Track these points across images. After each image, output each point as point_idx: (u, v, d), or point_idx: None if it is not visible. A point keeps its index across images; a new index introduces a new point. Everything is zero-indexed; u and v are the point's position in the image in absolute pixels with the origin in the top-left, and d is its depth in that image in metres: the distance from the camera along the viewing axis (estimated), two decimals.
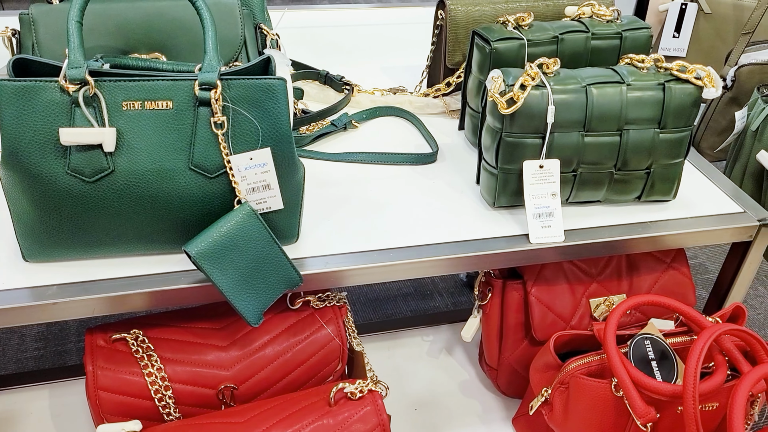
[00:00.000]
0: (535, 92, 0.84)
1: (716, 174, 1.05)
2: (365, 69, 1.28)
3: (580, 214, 0.93)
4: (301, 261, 0.82)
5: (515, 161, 0.88)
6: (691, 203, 0.97)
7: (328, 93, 1.16)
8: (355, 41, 1.41)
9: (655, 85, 0.87)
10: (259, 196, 0.77)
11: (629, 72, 0.88)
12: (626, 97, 0.86)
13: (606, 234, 0.90)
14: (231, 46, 0.93)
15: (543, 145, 0.86)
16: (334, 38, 1.42)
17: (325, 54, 1.34)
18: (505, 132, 0.87)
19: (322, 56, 1.33)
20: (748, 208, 0.97)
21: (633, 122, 0.87)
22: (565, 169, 0.89)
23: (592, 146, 0.88)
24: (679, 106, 0.87)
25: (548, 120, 0.85)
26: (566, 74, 0.87)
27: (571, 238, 0.89)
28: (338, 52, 1.35)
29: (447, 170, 1.01)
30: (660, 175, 0.92)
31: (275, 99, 0.74)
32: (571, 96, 0.85)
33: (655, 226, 0.92)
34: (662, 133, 0.89)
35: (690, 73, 0.87)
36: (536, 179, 0.88)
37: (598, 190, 0.92)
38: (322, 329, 0.88)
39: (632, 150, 0.89)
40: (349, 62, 1.31)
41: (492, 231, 0.89)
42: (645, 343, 0.88)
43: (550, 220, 0.88)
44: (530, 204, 0.88)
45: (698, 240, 0.93)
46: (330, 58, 1.32)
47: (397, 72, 1.27)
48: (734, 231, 0.94)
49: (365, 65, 1.29)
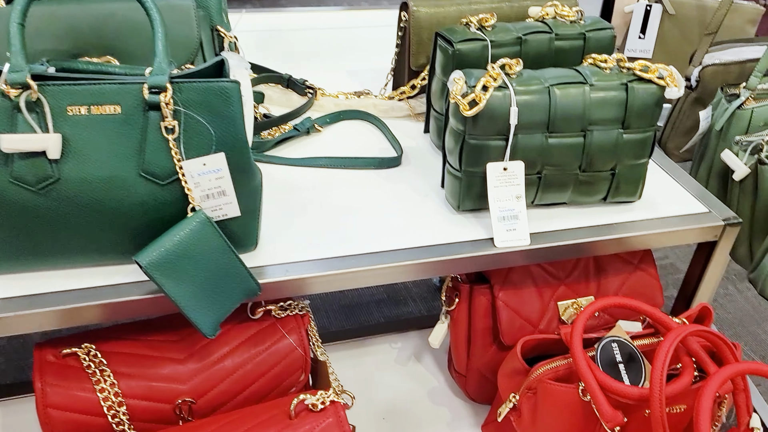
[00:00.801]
0: (498, 93, 0.83)
1: (681, 174, 1.04)
2: (330, 72, 1.26)
3: (545, 216, 0.92)
4: (260, 269, 0.79)
5: (479, 164, 0.86)
6: (656, 204, 0.96)
7: (291, 97, 1.14)
8: (320, 45, 1.39)
9: (618, 85, 0.86)
10: (214, 203, 0.75)
11: (592, 72, 0.87)
12: (589, 97, 0.85)
13: (572, 236, 0.89)
14: (186, 49, 0.90)
15: (507, 147, 0.85)
16: (299, 42, 1.40)
17: (289, 58, 1.32)
18: (468, 134, 0.85)
19: (286, 60, 1.31)
20: (713, 207, 0.96)
21: (596, 123, 0.86)
22: (530, 171, 0.88)
23: (557, 147, 0.87)
24: (642, 106, 0.87)
25: (511, 121, 0.83)
26: (529, 75, 0.86)
27: (537, 241, 0.87)
28: (303, 56, 1.33)
29: (412, 174, 0.99)
30: (625, 175, 0.91)
31: (229, 102, 0.72)
32: (534, 97, 0.84)
33: (621, 227, 0.92)
34: (626, 134, 0.88)
35: (652, 73, 0.86)
36: (500, 182, 0.86)
37: (564, 191, 0.91)
38: (283, 339, 0.85)
39: (596, 151, 0.88)
40: (313, 66, 1.29)
41: (457, 235, 0.87)
42: (612, 346, 0.87)
43: (515, 223, 0.87)
44: (495, 207, 0.86)
45: (663, 241, 0.93)
46: (294, 61, 1.30)
47: (362, 75, 1.25)
48: (699, 231, 0.93)
49: (330, 69, 1.27)
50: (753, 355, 1.89)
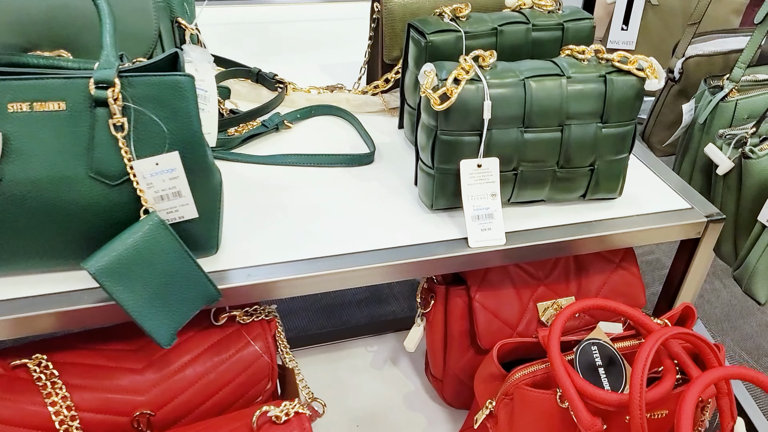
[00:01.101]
0: (470, 86, 0.79)
1: (663, 169, 1.01)
2: (302, 66, 1.21)
3: (522, 214, 0.89)
4: (222, 274, 0.75)
5: (452, 161, 0.82)
6: (637, 200, 0.93)
7: (261, 92, 1.09)
8: (292, 37, 1.34)
9: (596, 77, 0.83)
10: (169, 204, 0.71)
11: (569, 64, 0.84)
12: (566, 90, 0.82)
13: (550, 235, 0.86)
14: (143, 42, 0.86)
15: (480, 142, 0.81)
16: (270, 34, 1.35)
17: (259, 51, 1.28)
18: (440, 130, 0.81)
19: (256, 53, 1.26)
20: (696, 203, 0.93)
21: (574, 117, 0.83)
22: (505, 168, 0.84)
23: (533, 143, 0.83)
24: (622, 98, 0.83)
25: (484, 116, 0.80)
26: (503, 67, 0.82)
27: (514, 241, 0.84)
28: (273, 49, 1.29)
29: (384, 171, 0.95)
30: (604, 171, 0.88)
31: (183, 97, 0.67)
32: (509, 90, 0.80)
33: (601, 225, 0.88)
34: (605, 128, 0.84)
35: (632, 64, 0.83)
36: (474, 179, 0.83)
37: (541, 189, 0.87)
38: (248, 346, 0.81)
39: (575, 146, 0.84)
40: (284, 60, 1.24)
41: (431, 235, 0.84)
42: (592, 349, 0.83)
43: (490, 222, 0.83)
44: (469, 206, 0.83)
45: (645, 238, 0.89)
46: (264, 55, 1.26)
47: (335, 69, 1.21)
48: (682, 228, 0.90)
49: (302, 62, 1.23)
50: (739, 351, 1.87)
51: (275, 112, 1.03)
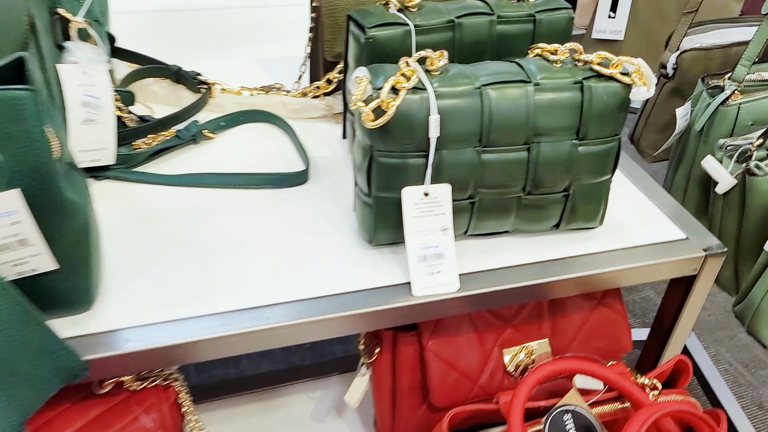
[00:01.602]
0: (413, 97, 0.63)
1: (652, 187, 0.85)
2: (233, 62, 1.05)
3: (482, 249, 0.73)
4: (94, 339, 0.59)
5: (393, 187, 0.67)
6: (621, 229, 0.77)
7: (182, 94, 0.93)
8: (223, 28, 1.17)
9: (571, 83, 0.67)
10: (13, 255, 0.54)
11: (539, 67, 0.68)
12: (533, 100, 0.66)
13: (515, 277, 0.70)
14: (9, 39, 0.69)
15: (427, 166, 0.65)
16: (196, 24, 1.17)
17: (183, 44, 1.10)
18: (377, 150, 0.65)
19: (179, 47, 1.09)
20: (693, 232, 0.78)
21: (544, 133, 0.67)
22: (459, 196, 0.68)
23: (493, 165, 0.67)
24: (602, 110, 0.67)
25: (431, 133, 0.64)
26: (456, 72, 0.66)
27: (470, 285, 0.68)
28: (200, 42, 1.11)
29: (320, 194, 0.79)
30: (582, 197, 0.72)
31: (20, 118, 0.51)
32: (462, 101, 0.64)
33: (578, 262, 0.73)
34: (582, 146, 0.69)
35: (614, 68, 0.67)
36: (420, 211, 0.67)
37: (505, 218, 0.72)
38: (139, 420, 0.66)
39: (545, 168, 0.68)
40: (213, 55, 1.07)
41: (368, 279, 0.68)
42: (564, 419, 0.68)
43: (440, 263, 0.67)
44: (413, 244, 0.67)
45: (632, 278, 0.74)
46: (189, 49, 1.09)
47: (273, 66, 1.04)
48: (675, 265, 0.75)
49: (234, 58, 1.06)
50: (735, 363, 1.74)
51: (193, 119, 0.86)
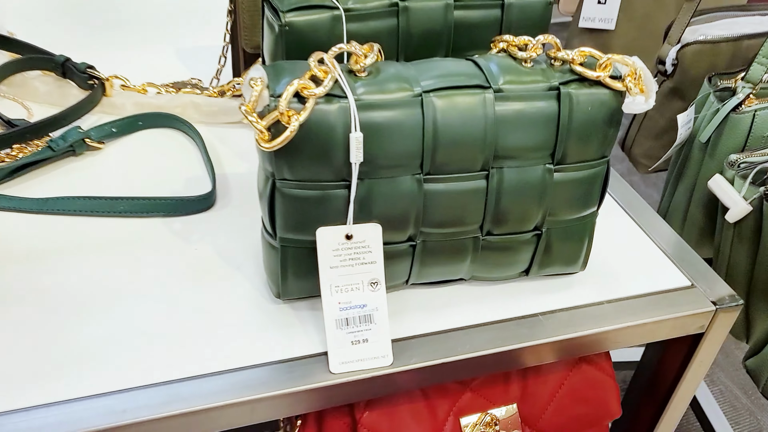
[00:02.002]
0: (327, 108, 0.46)
1: (647, 214, 0.69)
2: (141, 53, 0.87)
3: (429, 304, 0.56)
4: None
5: (305, 227, 0.50)
6: (609, 275, 0.61)
7: (70, 92, 0.75)
8: (130, 10, 0.98)
9: (544, 90, 0.50)
10: None
11: (502, 67, 0.50)
12: (494, 112, 0.49)
13: (471, 342, 0.54)
14: None
15: (349, 200, 0.48)
16: (99, 6, 0.98)
17: (80, 30, 0.91)
18: (281, 179, 0.48)
19: (74, 33, 0.90)
20: (699, 277, 0.61)
21: (508, 155, 0.50)
22: (396, 238, 0.51)
23: (440, 197, 0.50)
24: (586, 125, 0.50)
25: (353, 157, 0.47)
26: (391, 73, 0.49)
27: (411, 355, 0.52)
28: (103, 28, 0.92)
29: (226, 225, 0.62)
30: (559, 235, 0.56)
31: None
32: (397, 113, 0.47)
33: (554, 320, 0.56)
34: (559, 171, 0.52)
35: (602, 69, 0.50)
36: (341, 259, 0.50)
37: (458, 264, 0.55)
38: None
39: (509, 200, 0.52)
40: (115, 42, 0.89)
41: (275, 348, 0.51)
42: None
43: (368, 328, 0.51)
44: (331, 303, 0.50)
45: (622, 340, 0.57)
46: (86, 36, 0.90)
47: (191, 57, 0.86)
48: (677, 322, 0.58)
49: (142, 47, 0.88)
50: (732, 386, 1.59)
51: (75, 125, 0.69)
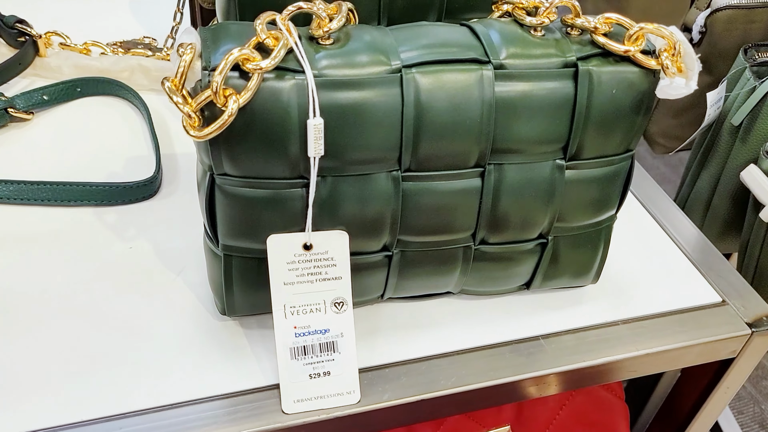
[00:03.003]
0: (278, 85, 0.35)
1: (670, 211, 0.59)
2: (91, 4, 0.75)
3: (409, 322, 0.46)
4: None
5: (252, 233, 0.40)
6: (625, 288, 0.51)
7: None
8: None
9: (558, 66, 0.39)
10: None
11: (506, 36, 0.40)
12: (493, 93, 0.38)
13: (459, 372, 0.44)
14: None
15: (307, 202, 0.38)
16: None
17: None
18: (219, 174, 0.38)
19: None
20: (732, 293, 0.51)
21: (510, 148, 0.40)
22: (367, 247, 0.41)
23: (423, 199, 0.40)
24: (609, 111, 0.40)
25: (311, 150, 0.36)
26: (362, 42, 0.38)
27: (383, 388, 0.42)
28: None
29: (170, 218, 0.52)
30: (569, 243, 0.46)
31: None
32: (370, 93, 0.37)
33: (559, 345, 0.47)
34: (572, 168, 0.42)
35: (632, 42, 0.39)
36: (298, 273, 0.40)
37: (444, 276, 0.45)
38: None
39: (509, 203, 0.41)
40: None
41: (219, 378, 0.42)
42: None
43: (331, 359, 0.41)
44: (285, 327, 0.40)
45: (638, 369, 0.48)
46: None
47: (147, 12, 0.75)
48: (705, 348, 0.49)
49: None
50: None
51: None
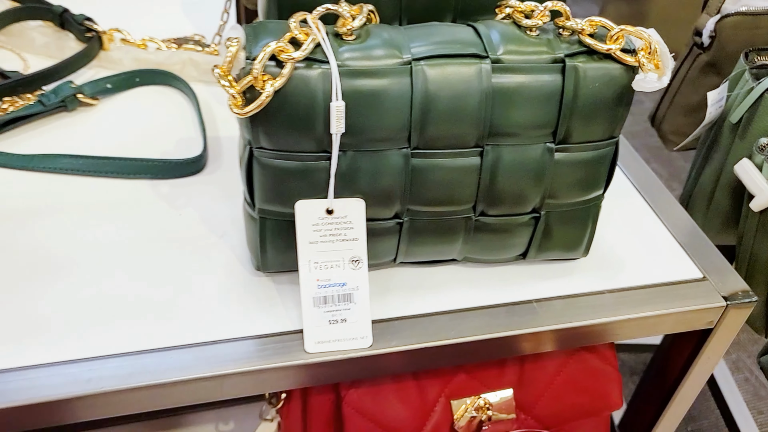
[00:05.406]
0: (308, 73, 0.43)
1: (662, 197, 0.64)
2: (148, 5, 0.84)
3: (418, 284, 0.53)
4: None
5: (283, 199, 0.47)
6: (613, 261, 0.57)
7: (68, 44, 0.73)
8: None
9: (548, 62, 0.46)
10: None
11: (505, 36, 0.46)
12: (491, 84, 0.45)
13: (460, 327, 0.51)
14: None
15: (330, 173, 0.45)
16: None
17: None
18: (257, 147, 0.45)
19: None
20: (713, 269, 0.57)
21: (505, 131, 0.46)
22: (381, 214, 0.48)
23: (429, 174, 0.47)
24: (593, 102, 0.46)
25: (333, 128, 0.43)
26: (380, 39, 0.45)
27: (393, 337, 0.49)
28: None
29: (214, 191, 0.60)
30: (559, 219, 0.52)
31: None
32: (384, 81, 0.44)
33: (550, 308, 0.53)
34: (560, 151, 0.48)
35: (614, 42, 0.45)
36: (321, 234, 0.47)
37: (448, 244, 0.52)
38: None
39: (505, 180, 0.48)
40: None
41: (253, 323, 0.49)
42: None
43: (347, 308, 0.48)
44: (309, 280, 0.47)
45: (622, 333, 0.54)
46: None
47: (197, 11, 0.83)
48: (682, 317, 0.54)
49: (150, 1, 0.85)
50: (757, 372, 1.52)
51: (68, 79, 0.67)
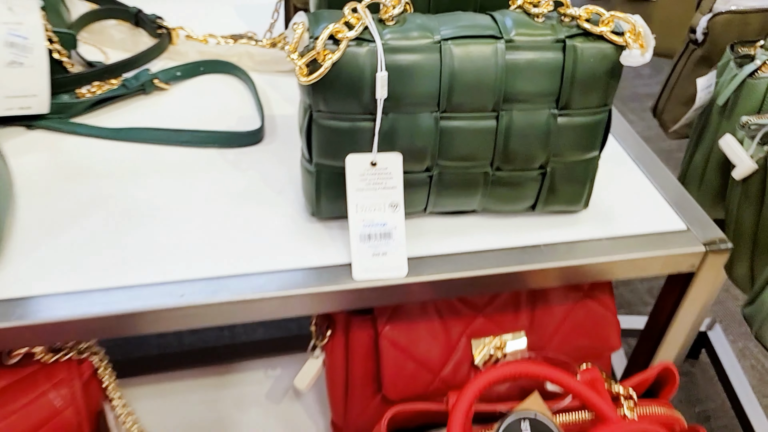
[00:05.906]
0: (358, 50, 0.54)
1: (656, 167, 0.74)
2: (206, 7, 0.96)
3: (444, 230, 0.64)
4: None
5: (336, 154, 0.58)
6: (610, 215, 0.67)
7: (141, 40, 0.85)
8: None
9: (551, 42, 0.56)
10: None
11: (516, 22, 0.57)
12: (504, 60, 0.56)
13: (478, 263, 0.61)
14: None
15: (374, 131, 0.56)
16: None
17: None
18: (317, 111, 0.57)
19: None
20: (695, 223, 0.67)
21: (516, 98, 0.57)
22: (415, 168, 0.59)
23: (454, 134, 0.58)
24: (588, 75, 0.57)
25: (378, 93, 0.54)
26: (415, 23, 0.56)
27: (423, 270, 0.60)
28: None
29: (272, 157, 0.71)
30: (562, 176, 0.62)
31: None
32: (418, 57, 0.55)
33: (554, 251, 0.63)
34: (562, 116, 0.59)
35: (605, 25, 0.56)
36: (366, 183, 0.58)
37: (470, 196, 0.62)
38: (46, 395, 0.60)
39: (517, 140, 0.59)
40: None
41: (307, 257, 0.60)
42: (521, 427, 0.60)
43: (387, 244, 0.59)
44: (356, 220, 0.58)
45: (616, 272, 0.64)
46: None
47: (250, 11, 0.95)
48: (668, 260, 0.64)
49: (207, 2, 0.97)
50: (763, 359, 1.59)
51: (145, 68, 0.79)
